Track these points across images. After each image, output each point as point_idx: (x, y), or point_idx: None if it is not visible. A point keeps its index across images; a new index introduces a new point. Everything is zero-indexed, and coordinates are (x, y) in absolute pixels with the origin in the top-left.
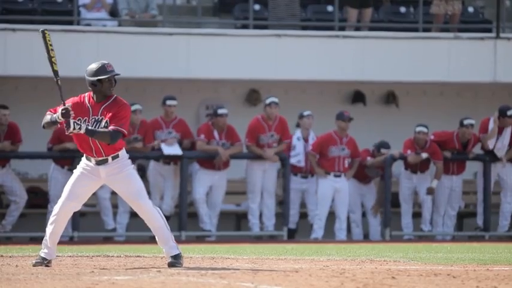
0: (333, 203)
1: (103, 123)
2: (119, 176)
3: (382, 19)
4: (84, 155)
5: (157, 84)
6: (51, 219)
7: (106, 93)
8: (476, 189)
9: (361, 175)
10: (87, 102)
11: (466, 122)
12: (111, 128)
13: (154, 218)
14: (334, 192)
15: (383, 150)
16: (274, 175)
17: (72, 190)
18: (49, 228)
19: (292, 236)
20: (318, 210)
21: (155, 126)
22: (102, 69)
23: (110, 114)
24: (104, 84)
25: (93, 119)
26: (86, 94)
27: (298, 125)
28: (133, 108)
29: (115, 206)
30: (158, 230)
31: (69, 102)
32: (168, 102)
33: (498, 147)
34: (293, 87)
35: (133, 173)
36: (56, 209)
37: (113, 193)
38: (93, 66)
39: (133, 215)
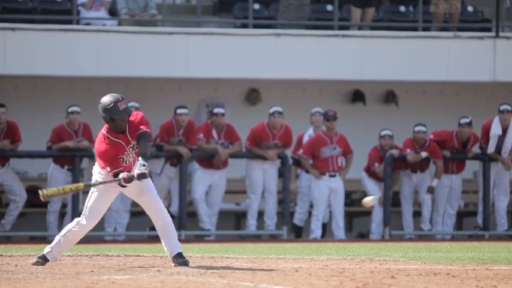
0: (329, 203)
1: (135, 145)
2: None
3: (381, 18)
4: (101, 169)
5: (156, 83)
6: (74, 230)
7: (120, 128)
8: (475, 188)
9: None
10: (113, 138)
11: (461, 121)
12: (142, 131)
13: (165, 213)
14: (330, 192)
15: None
16: (274, 174)
17: (94, 207)
18: (67, 238)
19: (299, 234)
20: (315, 211)
21: (168, 129)
22: (115, 110)
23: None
24: (117, 121)
25: (130, 147)
26: (104, 131)
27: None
28: (129, 105)
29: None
30: (168, 225)
31: (102, 149)
32: (179, 111)
33: (504, 149)
34: (293, 86)
35: None
36: (81, 224)
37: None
38: (106, 103)
39: (133, 214)
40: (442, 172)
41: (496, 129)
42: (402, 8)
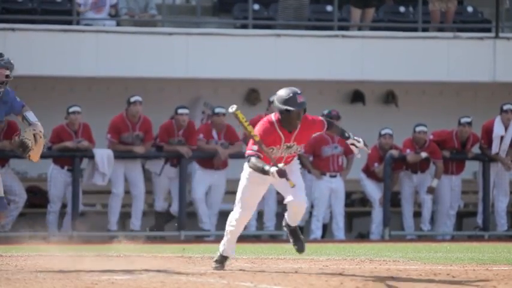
0: (330, 203)
1: (294, 149)
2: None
3: (381, 19)
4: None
5: (156, 83)
6: (232, 226)
7: (292, 124)
8: (475, 189)
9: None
10: (277, 129)
11: (462, 120)
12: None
13: (302, 203)
14: (330, 193)
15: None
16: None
17: (245, 199)
18: (232, 234)
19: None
20: (315, 211)
21: (168, 129)
22: (293, 101)
23: (301, 139)
24: (292, 114)
25: (285, 146)
26: (274, 119)
27: None
28: (133, 99)
29: (122, 206)
30: (299, 214)
31: (260, 132)
32: (180, 111)
33: (503, 148)
34: (292, 86)
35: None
36: (237, 219)
37: (127, 192)
38: (284, 93)
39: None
40: (442, 172)
41: (498, 130)
42: (402, 9)
